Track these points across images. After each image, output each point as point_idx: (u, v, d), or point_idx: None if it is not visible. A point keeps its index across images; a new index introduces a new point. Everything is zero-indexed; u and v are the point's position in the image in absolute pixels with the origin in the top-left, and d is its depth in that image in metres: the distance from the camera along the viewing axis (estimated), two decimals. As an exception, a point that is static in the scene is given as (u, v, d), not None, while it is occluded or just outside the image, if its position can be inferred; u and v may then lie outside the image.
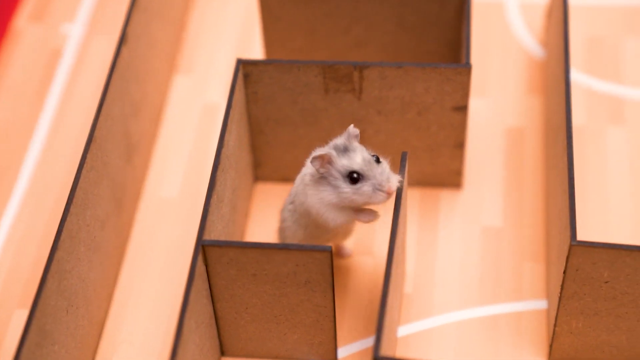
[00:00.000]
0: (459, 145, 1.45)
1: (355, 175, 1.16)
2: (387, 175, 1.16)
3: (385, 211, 1.45)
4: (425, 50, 1.58)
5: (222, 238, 1.29)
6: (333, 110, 1.43)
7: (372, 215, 1.21)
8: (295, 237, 1.29)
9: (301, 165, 1.50)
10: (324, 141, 1.46)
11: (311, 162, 1.16)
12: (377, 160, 1.17)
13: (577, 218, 1.43)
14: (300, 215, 1.26)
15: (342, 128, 1.44)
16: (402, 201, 1.23)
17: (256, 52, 1.70)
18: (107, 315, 1.37)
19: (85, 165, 1.26)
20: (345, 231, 1.29)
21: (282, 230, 1.32)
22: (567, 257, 1.16)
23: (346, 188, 1.16)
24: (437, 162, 1.48)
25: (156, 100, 1.59)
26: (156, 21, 1.58)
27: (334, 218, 1.20)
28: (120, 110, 1.41)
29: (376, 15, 1.54)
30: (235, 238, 1.39)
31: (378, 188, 1.16)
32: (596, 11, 1.72)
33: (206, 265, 1.19)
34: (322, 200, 1.18)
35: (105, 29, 1.74)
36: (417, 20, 1.54)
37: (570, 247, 1.15)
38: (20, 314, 1.37)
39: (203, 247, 1.18)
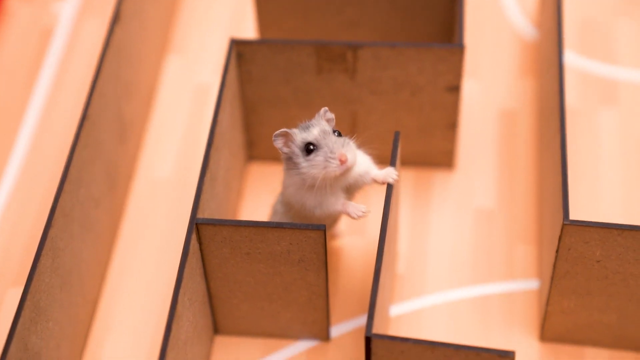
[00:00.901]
0: (452, 125, 1.45)
1: (311, 147, 1.13)
2: (340, 144, 1.12)
3: (377, 191, 1.46)
4: (417, 30, 1.58)
5: (216, 217, 1.29)
6: (326, 90, 1.43)
7: (357, 209, 1.16)
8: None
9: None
10: (317, 121, 1.47)
11: (273, 140, 1.14)
12: (338, 134, 1.14)
13: (570, 199, 1.43)
14: (287, 209, 1.25)
15: (336, 108, 1.44)
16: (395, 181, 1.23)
17: (249, 31, 1.69)
18: (101, 293, 1.37)
19: (78, 144, 1.26)
20: (333, 220, 1.27)
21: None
22: (560, 237, 1.17)
23: (303, 162, 1.13)
24: (429, 142, 1.48)
25: (149, 80, 1.59)
26: (149, 1, 1.57)
27: (314, 205, 1.18)
28: (113, 89, 1.40)
29: (369, -5, 1.54)
30: (229, 217, 1.39)
31: (330, 156, 1.11)
32: (589, -7, 1.72)
33: (200, 244, 1.19)
34: (292, 185, 1.17)
35: (96, 9, 1.73)
36: (409, 0, 1.54)
37: (563, 226, 1.15)
38: (13, 292, 1.37)
39: (197, 226, 1.18)
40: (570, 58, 1.63)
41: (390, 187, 1.20)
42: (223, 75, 1.34)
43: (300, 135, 1.14)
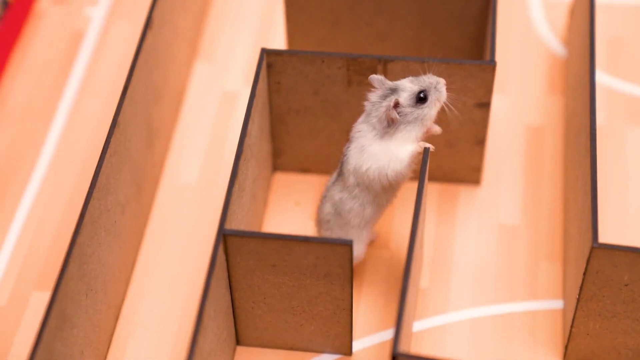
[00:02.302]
0: (480, 141, 1.45)
1: (422, 94, 1.25)
2: (431, 76, 1.26)
3: (404, 205, 1.46)
4: (447, 45, 1.57)
5: (242, 227, 1.29)
6: (355, 102, 1.42)
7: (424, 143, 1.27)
8: (363, 216, 1.29)
9: (321, 155, 1.50)
10: (345, 133, 1.46)
11: (384, 117, 1.23)
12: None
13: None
14: (363, 191, 1.27)
15: (364, 121, 1.44)
16: (422, 197, 1.23)
17: (277, 40, 1.69)
18: (124, 300, 1.37)
19: (108, 150, 1.26)
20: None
21: (330, 221, 1.32)
22: (588, 259, 1.16)
23: (424, 109, 1.25)
24: (456, 158, 1.48)
25: (177, 86, 1.59)
26: (179, 7, 1.57)
27: (408, 167, 1.26)
28: (143, 95, 1.41)
29: (400, 8, 1.54)
30: (254, 227, 1.39)
31: (439, 87, 1.26)
32: (618, 10, 1.71)
33: (226, 255, 1.20)
34: (403, 146, 1.25)
35: (127, 13, 1.74)
36: (440, 14, 1.54)
37: (592, 249, 1.15)
38: (37, 295, 1.38)
39: (224, 237, 1.18)
40: (598, 76, 1.62)
41: (419, 202, 1.20)
42: (253, 84, 1.34)
43: (403, 95, 1.24)
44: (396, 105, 1.24)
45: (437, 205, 1.48)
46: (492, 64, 1.35)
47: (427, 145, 1.26)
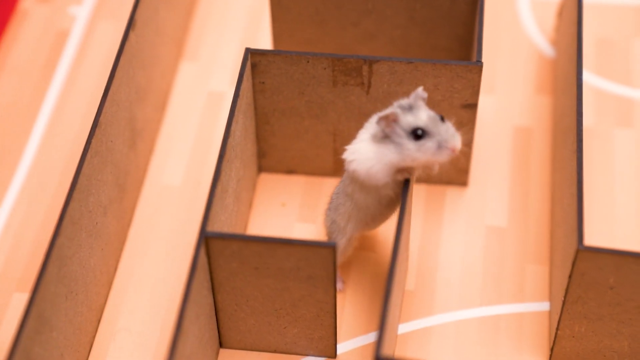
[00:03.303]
0: (467, 143, 1.44)
1: (419, 132, 1.15)
2: (452, 132, 1.15)
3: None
4: (434, 45, 1.56)
5: (225, 229, 1.28)
6: (340, 103, 1.41)
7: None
8: (344, 209, 1.26)
9: (306, 156, 1.49)
10: (330, 134, 1.45)
11: (377, 122, 1.16)
12: (442, 119, 1.16)
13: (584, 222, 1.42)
14: (349, 185, 1.23)
15: (350, 121, 1.43)
16: (408, 198, 1.22)
17: (264, 41, 1.68)
18: (106, 302, 1.36)
19: (89, 151, 1.25)
20: (393, 203, 1.25)
21: (333, 216, 1.29)
22: (574, 262, 1.15)
23: (410, 145, 1.14)
24: (443, 159, 1.46)
25: (162, 87, 1.58)
26: (164, 7, 1.56)
27: (383, 177, 1.18)
28: (126, 95, 1.39)
29: (386, 8, 1.53)
30: (238, 229, 1.38)
31: (443, 145, 1.14)
32: (607, 11, 1.71)
33: (208, 257, 1.18)
34: (382, 159, 1.17)
35: (112, 13, 1.72)
36: (427, 14, 1.53)
37: (577, 251, 1.14)
38: (18, 297, 1.36)
39: (206, 239, 1.16)
40: (587, 77, 1.61)
41: (404, 204, 1.19)
42: (237, 85, 1.32)
43: (405, 118, 1.14)
44: (393, 120, 1.16)
45: (423, 206, 1.47)
46: (479, 64, 1.34)
47: (407, 176, 1.19)
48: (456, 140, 1.15)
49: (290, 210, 1.47)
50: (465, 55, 1.55)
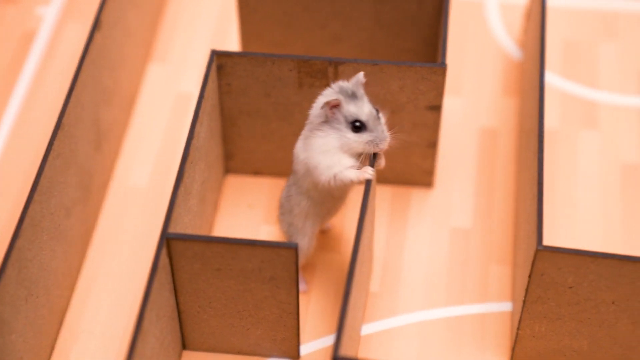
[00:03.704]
0: (432, 144, 1.45)
1: (358, 124, 1.20)
2: (385, 135, 1.21)
3: (355, 208, 1.45)
4: (402, 47, 1.57)
5: (189, 231, 1.28)
6: (307, 104, 1.41)
7: (368, 169, 1.22)
8: (300, 209, 1.28)
9: (273, 158, 1.49)
10: (297, 136, 1.45)
11: (322, 107, 1.19)
12: (378, 114, 1.22)
13: (546, 222, 1.43)
14: (302, 182, 1.26)
15: (315, 123, 1.43)
16: (370, 199, 1.22)
17: (232, 43, 1.68)
18: (69, 305, 1.36)
19: (51, 153, 1.24)
20: (343, 194, 1.29)
21: (285, 211, 1.31)
22: (533, 262, 1.16)
23: (349, 134, 1.20)
24: (408, 160, 1.47)
25: (129, 88, 1.58)
26: (131, 7, 1.56)
27: (330, 165, 1.21)
28: (92, 97, 1.39)
29: (353, 10, 1.53)
30: (203, 231, 1.38)
31: (376, 142, 1.21)
32: (574, 14, 1.72)
33: (170, 259, 1.18)
34: (324, 145, 1.21)
35: (81, 13, 1.72)
36: (394, 17, 1.53)
37: (536, 251, 1.15)
38: (-19, 300, 1.35)
39: (167, 240, 1.16)
40: (552, 79, 1.62)
41: (364, 205, 1.19)
42: (202, 86, 1.33)
43: (348, 107, 1.19)
44: (336, 105, 1.20)
45: (388, 208, 1.47)
46: (443, 66, 1.35)
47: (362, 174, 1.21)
48: (386, 144, 1.22)
49: (256, 211, 1.47)
50: (433, 58, 1.56)
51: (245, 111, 1.43)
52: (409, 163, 1.47)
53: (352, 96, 1.20)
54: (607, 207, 1.47)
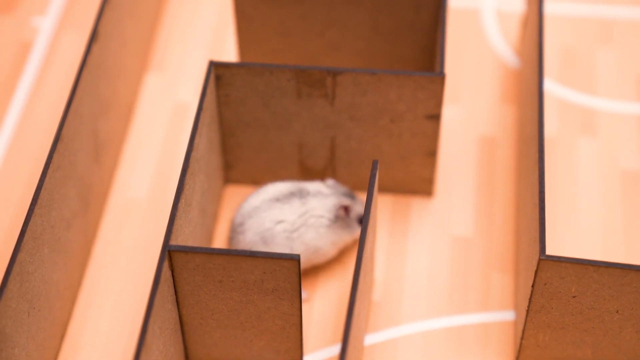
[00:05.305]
0: (431, 153, 1.44)
1: (360, 220, 1.38)
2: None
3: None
4: (399, 56, 1.57)
5: (190, 242, 1.27)
6: (305, 114, 1.41)
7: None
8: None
9: (272, 168, 1.49)
10: (295, 145, 1.45)
11: (339, 210, 1.36)
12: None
13: (546, 230, 1.43)
14: (299, 244, 1.36)
15: (314, 133, 1.43)
16: (372, 209, 1.22)
17: (229, 52, 1.68)
18: (70, 317, 1.35)
19: (51, 165, 1.24)
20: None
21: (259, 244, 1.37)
22: (536, 271, 1.16)
23: (357, 228, 1.39)
24: (408, 169, 1.47)
25: (127, 99, 1.57)
26: (128, 18, 1.55)
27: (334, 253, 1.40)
28: (90, 108, 1.39)
29: (351, 19, 1.53)
30: (204, 241, 1.37)
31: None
32: (571, 22, 1.72)
33: (172, 271, 1.18)
34: (338, 241, 1.38)
35: (77, 24, 1.71)
36: (391, 25, 1.53)
37: (539, 261, 1.14)
38: (-19, 313, 1.34)
39: (169, 253, 1.16)
40: (551, 86, 1.63)
41: (367, 216, 1.19)
42: (201, 98, 1.32)
43: (356, 207, 1.38)
44: (350, 209, 1.37)
45: (389, 217, 1.47)
46: (441, 75, 1.35)
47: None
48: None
49: (256, 221, 1.46)
50: (430, 65, 1.56)
51: (244, 121, 1.43)
52: (408, 172, 1.47)
53: (352, 197, 1.38)
54: (607, 214, 1.47)
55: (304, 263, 1.37)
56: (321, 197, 1.36)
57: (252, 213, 1.35)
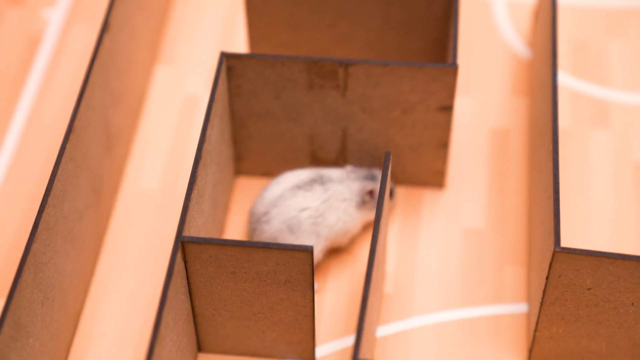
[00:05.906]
0: (443, 145, 1.44)
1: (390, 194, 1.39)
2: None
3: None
4: (410, 47, 1.56)
5: (202, 233, 1.27)
6: (317, 106, 1.41)
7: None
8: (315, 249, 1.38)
9: (283, 159, 1.49)
10: (307, 136, 1.45)
11: (365, 196, 1.38)
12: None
13: (560, 223, 1.42)
14: (323, 227, 1.36)
15: (326, 124, 1.43)
16: (384, 201, 1.22)
17: (239, 44, 1.67)
18: (83, 308, 1.35)
19: (64, 157, 1.24)
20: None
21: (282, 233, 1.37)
22: (550, 263, 1.15)
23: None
24: (420, 161, 1.47)
25: (137, 91, 1.57)
26: (139, 10, 1.55)
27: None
28: (101, 100, 1.38)
29: (362, 11, 1.53)
30: (215, 233, 1.37)
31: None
32: (582, 13, 1.71)
33: (185, 262, 1.18)
34: (366, 220, 1.40)
35: (87, 15, 1.71)
36: (403, 17, 1.53)
37: (554, 253, 1.14)
38: (-7, 304, 1.35)
39: (182, 244, 1.16)
40: (562, 78, 1.62)
41: (380, 208, 1.19)
42: (212, 89, 1.32)
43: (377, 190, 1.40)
44: (371, 193, 1.39)
45: (401, 209, 1.47)
46: (454, 67, 1.35)
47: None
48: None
49: (267, 213, 1.46)
50: (442, 57, 1.55)
51: (255, 113, 1.43)
52: (420, 164, 1.47)
53: (372, 178, 1.40)
54: (620, 206, 1.46)
55: (330, 245, 1.38)
56: (348, 182, 1.38)
57: (276, 202, 1.35)
